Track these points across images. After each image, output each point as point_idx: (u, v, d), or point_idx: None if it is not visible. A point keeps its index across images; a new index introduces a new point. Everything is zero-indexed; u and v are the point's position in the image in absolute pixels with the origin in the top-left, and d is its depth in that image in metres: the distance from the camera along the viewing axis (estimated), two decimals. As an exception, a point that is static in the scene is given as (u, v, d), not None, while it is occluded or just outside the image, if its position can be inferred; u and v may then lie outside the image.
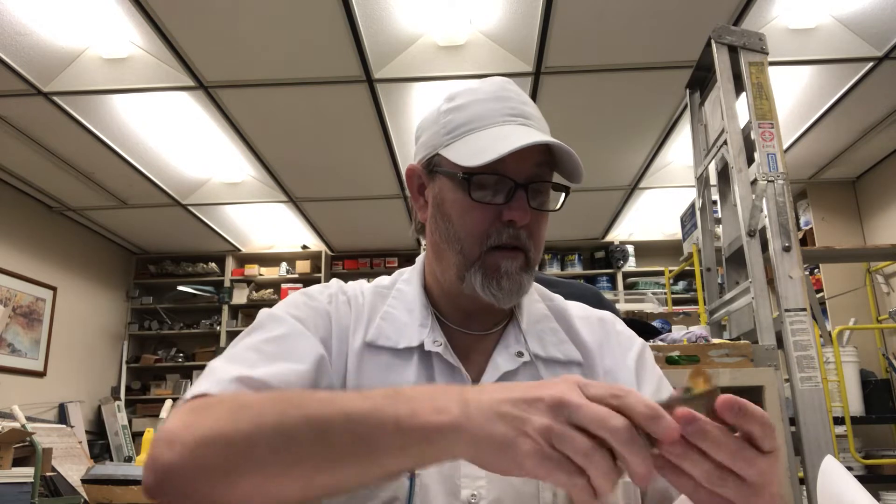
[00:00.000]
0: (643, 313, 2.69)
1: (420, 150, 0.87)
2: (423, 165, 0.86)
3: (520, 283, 0.81)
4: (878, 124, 4.10)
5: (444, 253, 0.83)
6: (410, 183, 0.89)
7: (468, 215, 0.80)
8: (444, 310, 0.87)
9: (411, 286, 0.90)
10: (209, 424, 0.61)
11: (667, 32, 3.14)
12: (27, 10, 2.92)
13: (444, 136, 0.83)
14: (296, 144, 4.26)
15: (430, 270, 0.90)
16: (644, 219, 5.87)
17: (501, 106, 0.82)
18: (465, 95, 0.85)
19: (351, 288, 0.89)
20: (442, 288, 0.87)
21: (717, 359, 1.86)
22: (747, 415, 0.50)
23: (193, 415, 0.63)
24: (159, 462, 0.59)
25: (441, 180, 0.84)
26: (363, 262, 6.66)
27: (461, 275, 0.82)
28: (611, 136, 4.20)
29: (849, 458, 3.55)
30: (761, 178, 2.09)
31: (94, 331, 5.96)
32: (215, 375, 0.70)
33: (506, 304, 0.82)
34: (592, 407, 0.50)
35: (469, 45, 3.29)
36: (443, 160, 0.83)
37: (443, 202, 0.83)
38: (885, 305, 4.61)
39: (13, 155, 4.30)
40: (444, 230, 0.83)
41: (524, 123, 0.82)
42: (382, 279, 0.93)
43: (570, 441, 0.49)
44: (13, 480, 2.06)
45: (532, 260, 0.83)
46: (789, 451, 1.82)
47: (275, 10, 2.94)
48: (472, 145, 0.79)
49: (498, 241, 0.80)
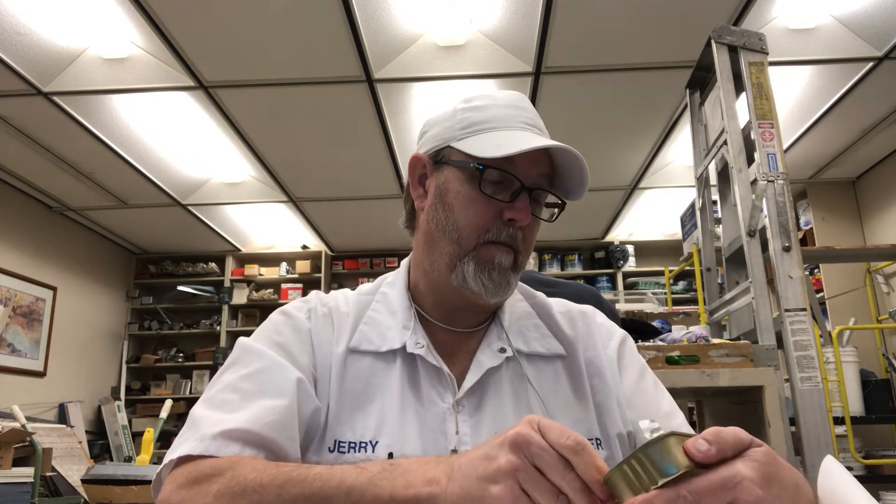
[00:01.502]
0: (643, 313, 2.68)
1: (428, 143, 0.89)
2: (429, 156, 0.88)
3: (508, 279, 0.83)
4: (878, 124, 4.10)
5: (437, 242, 0.85)
6: (412, 171, 0.91)
7: (471, 206, 0.82)
8: (429, 308, 0.88)
9: (394, 289, 0.91)
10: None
11: (667, 32, 3.14)
12: (27, 10, 2.92)
13: (459, 131, 0.85)
14: (296, 144, 4.26)
15: (416, 265, 0.91)
16: (644, 219, 5.87)
17: (518, 114, 0.85)
18: (483, 99, 0.87)
19: (332, 299, 0.91)
20: (429, 281, 0.88)
21: (717, 359, 1.86)
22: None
23: (189, 492, 0.65)
24: None
25: (448, 171, 0.85)
26: (363, 262, 6.66)
27: (453, 264, 0.83)
28: (611, 136, 4.20)
29: (849, 458, 3.55)
30: (761, 178, 2.08)
31: (94, 331, 5.96)
32: (199, 430, 0.72)
33: (491, 299, 0.83)
34: (552, 454, 0.52)
35: (469, 45, 3.29)
36: (454, 152, 0.85)
37: (446, 192, 0.85)
38: (885, 305, 4.61)
39: (13, 155, 4.30)
40: (442, 219, 0.84)
41: (539, 133, 0.85)
42: (365, 286, 0.94)
43: (537, 484, 0.52)
44: (13, 480, 2.06)
45: (520, 262, 0.85)
46: (789, 451, 1.82)
47: (275, 10, 2.94)
48: (489, 141, 0.82)
49: (496, 237, 0.82)
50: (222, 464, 0.67)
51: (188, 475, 0.67)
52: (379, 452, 0.76)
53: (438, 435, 0.78)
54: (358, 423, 0.79)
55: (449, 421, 0.79)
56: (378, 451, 0.76)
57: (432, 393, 0.81)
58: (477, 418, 0.80)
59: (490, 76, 3.45)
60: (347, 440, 0.78)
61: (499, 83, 3.52)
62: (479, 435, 0.79)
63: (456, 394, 0.81)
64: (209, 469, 0.66)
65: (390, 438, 0.77)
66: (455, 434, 0.78)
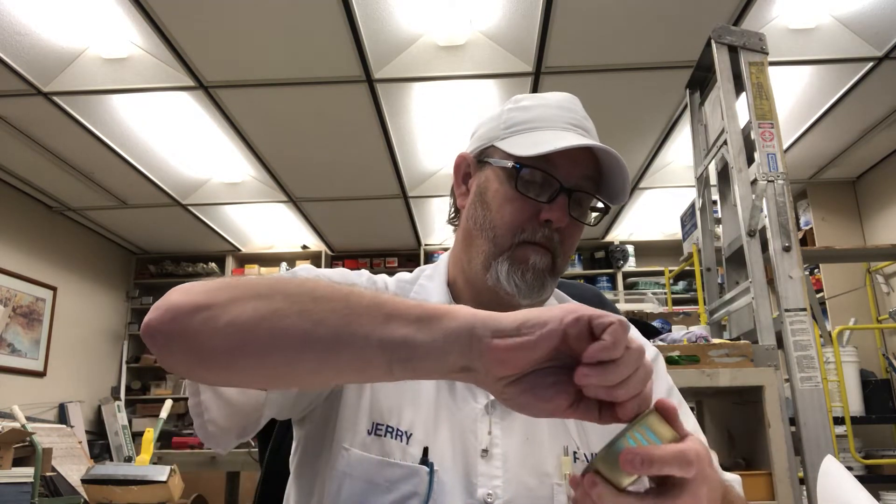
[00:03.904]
0: (643, 313, 2.68)
1: (474, 142, 0.90)
2: (474, 156, 0.89)
3: (543, 281, 0.82)
4: (878, 124, 4.10)
5: (475, 240, 0.85)
6: (457, 170, 0.91)
7: (508, 205, 0.82)
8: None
9: (434, 282, 0.91)
10: (233, 278, 0.63)
11: (667, 32, 3.14)
12: (27, 10, 2.92)
13: (503, 130, 0.85)
14: (296, 144, 4.26)
15: (455, 262, 0.91)
16: (644, 219, 5.87)
17: (565, 114, 0.85)
18: (533, 100, 0.87)
19: (380, 279, 0.91)
20: (466, 279, 0.88)
21: (717, 359, 1.86)
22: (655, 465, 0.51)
23: (217, 279, 0.64)
24: (170, 300, 0.60)
25: (489, 170, 0.86)
26: (363, 262, 6.66)
27: (488, 263, 0.83)
28: (611, 136, 4.19)
29: (849, 458, 3.55)
30: (761, 178, 2.08)
31: (94, 331, 5.96)
32: None
33: (524, 300, 0.82)
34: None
35: (469, 45, 3.29)
36: (496, 151, 0.85)
37: (486, 191, 0.85)
38: (885, 305, 4.61)
39: (13, 155, 4.30)
40: (480, 218, 0.84)
41: (583, 134, 0.84)
42: (404, 275, 0.94)
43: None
44: (13, 480, 2.05)
45: (559, 266, 0.84)
46: (789, 451, 1.82)
47: (275, 10, 2.94)
48: (529, 140, 0.82)
49: (531, 237, 0.82)
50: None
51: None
52: (413, 446, 0.76)
53: (470, 435, 0.78)
54: (395, 411, 0.78)
55: (481, 421, 0.79)
56: (412, 444, 0.76)
57: (466, 392, 0.81)
58: (509, 421, 0.79)
59: (490, 76, 3.45)
60: (385, 423, 0.77)
61: (498, 83, 3.52)
62: (510, 437, 0.78)
63: (489, 395, 0.81)
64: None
65: (424, 434, 0.77)
66: (487, 435, 0.78)
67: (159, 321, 0.59)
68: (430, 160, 4.50)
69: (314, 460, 0.80)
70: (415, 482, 0.74)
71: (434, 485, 0.74)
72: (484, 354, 0.52)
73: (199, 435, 0.72)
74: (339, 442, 0.77)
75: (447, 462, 0.76)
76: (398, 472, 0.75)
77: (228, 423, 0.72)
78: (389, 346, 0.54)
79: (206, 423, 0.70)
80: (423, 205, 5.38)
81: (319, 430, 0.81)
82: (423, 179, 4.85)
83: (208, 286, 0.61)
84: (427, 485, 0.74)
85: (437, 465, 0.75)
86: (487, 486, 0.75)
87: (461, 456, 0.77)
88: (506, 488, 0.75)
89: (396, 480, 0.74)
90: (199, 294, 0.60)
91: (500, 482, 0.76)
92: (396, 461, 0.75)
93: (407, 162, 4.52)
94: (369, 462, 0.75)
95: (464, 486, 0.75)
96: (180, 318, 0.58)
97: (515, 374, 0.53)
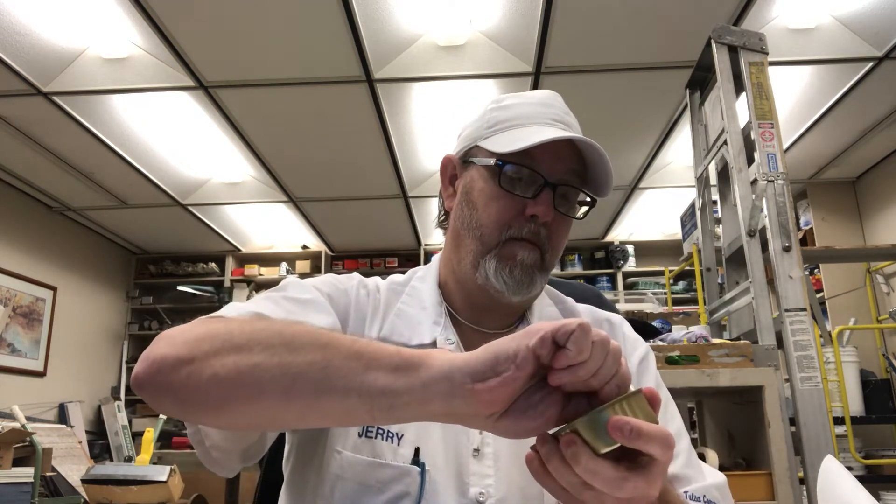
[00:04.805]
0: (643, 313, 2.68)
1: (459, 144, 0.91)
2: (459, 157, 0.89)
3: (531, 277, 0.83)
4: (878, 124, 4.10)
5: (463, 240, 0.85)
6: (444, 172, 0.92)
7: (494, 203, 0.83)
8: (458, 307, 0.88)
9: (426, 283, 0.91)
10: (215, 325, 0.63)
11: (667, 32, 3.14)
12: (27, 10, 2.92)
13: (486, 130, 0.86)
14: (296, 144, 4.26)
15: (446, 263, 0.91)
16: (644, 219, 5.87)
17: (546, 110, 0.85)
18: (514, 98, 0.88)
19: (371, 282, 0.91)
20: (457, 280, 0.88)
21: (717, 359, 1.86)
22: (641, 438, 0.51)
23: (200, 324, 0.65)
24: (155, 352, 0.62)
25: (474, 170, 0.86)
26: (363, 262, 6.66)
27: (476, 262, 0.83)
28: (611, 136, 4.19)
29: (849, 458, 3.55)
30: (761, 178, 2.08)
31: (94, 331, 5.96)
32: (232, 309, 0.74)
33: (514, 297, 0.83)
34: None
35: (469, 45, 3.29)
36: (480, 151, 0.86)
37: (471, 191, 0.85)
38: (885, 305, 4.61)
39: (13, 155, 4.30)
40: (467, 217, 0.85)
41: (564, 129, 0.84)
42: (396, 277, 0.94)
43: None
44: (13, 480, 2.05)
45: (548, 261, 0.84)
46: (789, 451, 1.82)
47: (274, 10, 2.94)
48: (511, 137, 0.82)
49: (518, 233, 0.82)
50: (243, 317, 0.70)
51: (203, 318, 0.68)
52: (404, 447, 0.76)
53: (461, 435, 0.78)
54: None
55: None
56: (403, 445, 0.76)
57: None
58: None
59: (490, 76, 3.46)
60: (376, 425, 0.78)
61: (498, 83, 3.52)
62: (502, 437, 0.78)
63: None
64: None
65: (415, 435, 0.77)
66: (478, 434, 0.78)
67: (146, 374, 0.61)
68: (430, 160, 4.50)
69: (307, 465, 0.80)
70: (406, 482, 0.74)
71: (426, 484, 0.74)
72: (470, 401, 0.53)
73: (204, 462, 0.74)
74: (331, 446, 0.77)
75: (439, 462, 0.76)
76: (389, 472, 0.75)
77: (230, 445, 0.73)
78: (369, 396, 0.56)
79: (210, 450, 0.72)
80: (423, 205, 5.38)
81: (312, 435, 0.81)
82: (423, 179, 4.85)
83: (189, 336, 0.62)
84: (419, 485, 0.74)
85: (429, 465, 0.75)
86: (479, 485, 0.76)
87: (453, 456, 0.77)
88: (498, 487, 0.76)
89: (388, 481, 0.75)
90: (181, 346, 0.61)
91: (492, 481, 0.76)
92: (388, 462, 0.75)
93: (407, 162, 4.52)
94: (361, 463, 0.76)
95: (456, 486, 0.75)
96: (165, 371, 0.60)
97: (504, 408, 0.54)
